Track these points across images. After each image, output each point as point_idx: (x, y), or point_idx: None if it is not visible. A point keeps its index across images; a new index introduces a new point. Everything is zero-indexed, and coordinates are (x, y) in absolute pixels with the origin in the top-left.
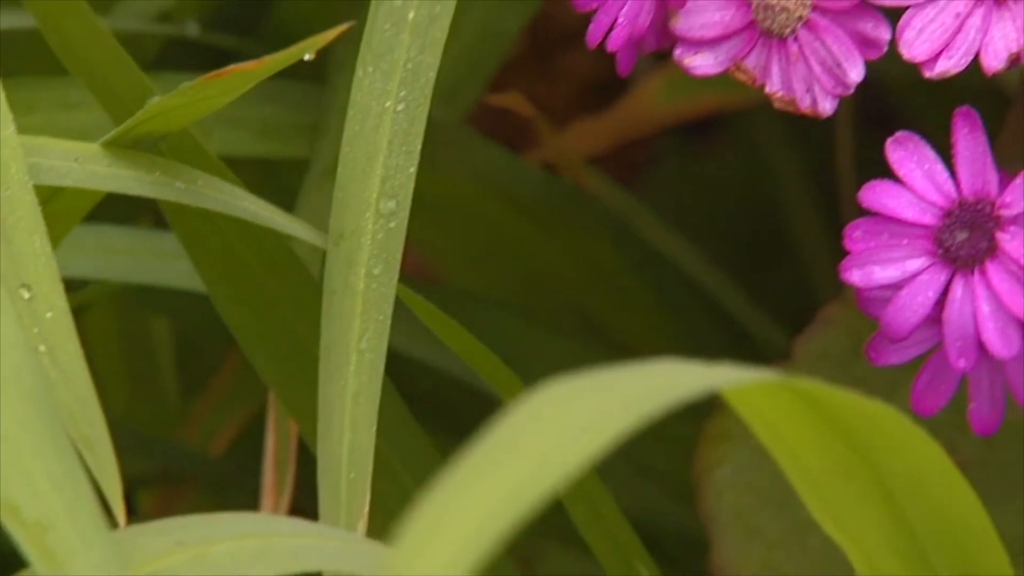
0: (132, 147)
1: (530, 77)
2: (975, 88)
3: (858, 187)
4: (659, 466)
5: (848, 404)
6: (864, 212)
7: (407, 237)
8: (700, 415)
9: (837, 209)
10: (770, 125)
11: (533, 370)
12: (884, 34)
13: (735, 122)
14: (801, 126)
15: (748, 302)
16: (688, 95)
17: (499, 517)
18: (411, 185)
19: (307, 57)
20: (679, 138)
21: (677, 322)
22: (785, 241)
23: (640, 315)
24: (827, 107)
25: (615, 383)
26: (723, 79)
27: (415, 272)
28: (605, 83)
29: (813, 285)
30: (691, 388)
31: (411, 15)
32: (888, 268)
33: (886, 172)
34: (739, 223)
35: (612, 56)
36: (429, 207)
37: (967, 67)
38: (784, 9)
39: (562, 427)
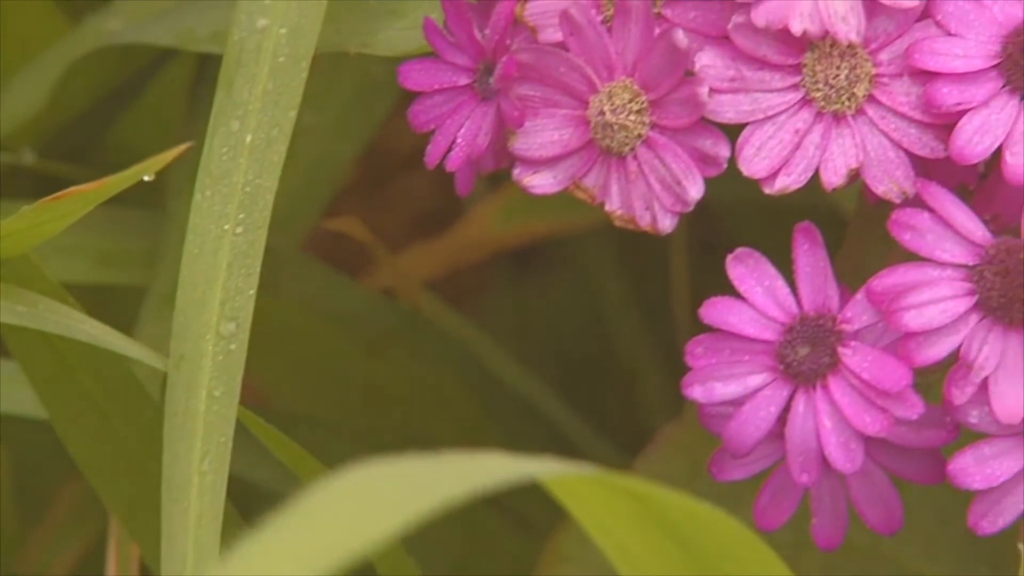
0: None
1: (366, 202)
2: (808, 210)
3: (692, 309)
4: None
5: (682, 508)
6: (703, 330)
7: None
8: (544, 535)
9: (671, 331)
10: (603, 249)
11: None
12: (723, 151)
13: (569, 246)
14: (634, 249)
15: (585, 425)
16: (522, 220)
17: None
18: (251, 307)
19: (146, 178)
20: (514, 262)
21: (514, 445)
22: (619, 364)
23: (476, 438)
24: (667, 224)
25: (425, 469)
26: (558, 203)
27: (251, 397)
28: (440, 208)
29: (648, 407)
30: (503, 476)
31: (248, 138)
32: (730, 384)
33: (720, 293)
34: (574, 346)
35: (448, 181)
36: (265, 332)
37: (806, 183)
38: (623, 127)
39: (358, 509)
